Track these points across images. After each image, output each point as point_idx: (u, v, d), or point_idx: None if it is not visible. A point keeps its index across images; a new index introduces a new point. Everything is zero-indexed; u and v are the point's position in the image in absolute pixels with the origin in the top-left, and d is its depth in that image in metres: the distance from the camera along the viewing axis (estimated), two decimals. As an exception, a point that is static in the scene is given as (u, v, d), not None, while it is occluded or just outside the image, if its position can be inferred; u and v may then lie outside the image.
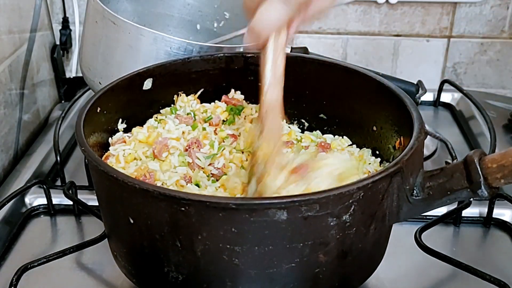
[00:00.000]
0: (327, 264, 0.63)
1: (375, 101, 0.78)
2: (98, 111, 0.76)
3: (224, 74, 0.86)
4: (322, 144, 0.81)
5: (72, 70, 1.38)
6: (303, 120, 0.88)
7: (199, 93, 0.87)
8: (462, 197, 0.64)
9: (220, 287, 0.63)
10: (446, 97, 1.29)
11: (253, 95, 0.85)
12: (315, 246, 0.61)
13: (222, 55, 0.86)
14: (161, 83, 0.83)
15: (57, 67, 1.31)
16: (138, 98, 0.82)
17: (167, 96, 0.85)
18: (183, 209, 0.57)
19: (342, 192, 0.58)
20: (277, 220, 0.57)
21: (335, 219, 0.59)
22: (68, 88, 1.33)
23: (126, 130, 0.81)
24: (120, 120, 0.81)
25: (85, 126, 0.70)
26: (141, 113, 0.83)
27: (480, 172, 0.61)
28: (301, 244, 0.60)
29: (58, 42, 1.34)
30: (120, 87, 0.79)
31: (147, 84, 0.82)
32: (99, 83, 0.96)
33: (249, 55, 0.86)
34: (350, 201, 0.59)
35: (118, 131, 0.80)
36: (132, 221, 0.63)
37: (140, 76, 0.81)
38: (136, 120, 0.82)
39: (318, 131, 0.86)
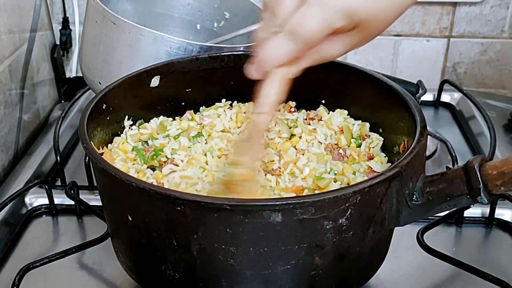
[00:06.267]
0: (323, 267, 0.62)
1: (381, 103, 0.78)
2: (103, 107, 0.76)
3: (232, 73, 0.85)
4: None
5: (72, 70, 1.37)
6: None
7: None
8: (462, 203, 0.63)
9: (215, 287, 0.63)
10: (446, 97, 1.29)
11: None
12: (311, 248, 0.60)
13: (230, 53, 0.85)
14: (168, 81, 0.83)
15: (57, 67, 1.30)
16: (145, 95, 0.82)
17: (174, 94, 0.85)
18: (178, 208, 0.58)
19: (338, 196, 0.57)
20: (271, 222, 0.57)
21: (331, 222, 0.59)
22: (68, 88, 1.33)
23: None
24: (127, 117, 0.81)
25: (90, 123, 0.71)
26: (148, 110, 0.83)
27: (480, 179, 0.60)
28: (297, 247, 0.60)
29: (58, 42, 1.34)
30: (127, 84, 0.79)
31: (155, 81, 0.82)
32: (99, 83, 0.96)
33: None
34: (347, 204, 0.58)
35: (124, 127, 0.81)
36: (130, 218, 0.64)
37: (148, 73, 0.81)
38: (143, 117, 0.83)
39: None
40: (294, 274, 0.62)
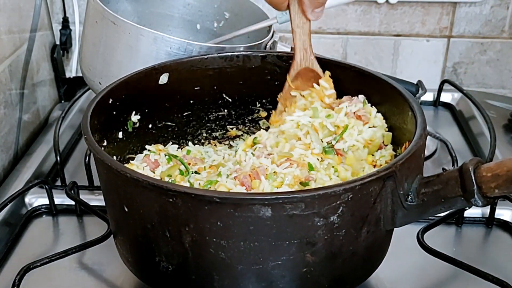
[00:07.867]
0: (315, 264, 0.62)
1: (386, 104, 0.78)
2: (110, 102, 0.76)
3: (241, 73, 0.86)
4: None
5: (72, 70, 1.37)
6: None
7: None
8: (457, 205, 0.63)
9: (207, 280, 0.64)
10: (446, 97, 1.29)
11: (269, 94, 0.87)
12: (302, 245, 0.61)
13: (239, 53, 0.86)
14: (177, 79, 0.84)
15: (57, 67, 1.30)
16: (154, 92, 0.83)
17: (183, 91, 0.86)
18: (171, 200, 0.59)
19: (328, 192, 0.58)
20: (261, 217, 0.57)
21: (322, 219, 0.59)
22: (68, 88, 1.33)
23: (140, 122, 0.82)
24: (134, 112, 0.82)
25: (94, 116, 0.71)
26: (155, 106, 0.84)
27: (474, 181, 0.59)
28: (287, 242, 0.60)
29: (58, 42, 1.34)
30: (135, 80, 0.80)
31: (163, 78, 0.83)
32: (99, 83, 0.96)
33: (265, 54, 0.87)
34: (338, 202, 0.58)
35: (131, 122, 0.81)
36: (126, 209, 0.64)
37: (157, 70, 0.82)
38: (150, 113, 0.83)
39: None
40: (285, 270, 0.62)
